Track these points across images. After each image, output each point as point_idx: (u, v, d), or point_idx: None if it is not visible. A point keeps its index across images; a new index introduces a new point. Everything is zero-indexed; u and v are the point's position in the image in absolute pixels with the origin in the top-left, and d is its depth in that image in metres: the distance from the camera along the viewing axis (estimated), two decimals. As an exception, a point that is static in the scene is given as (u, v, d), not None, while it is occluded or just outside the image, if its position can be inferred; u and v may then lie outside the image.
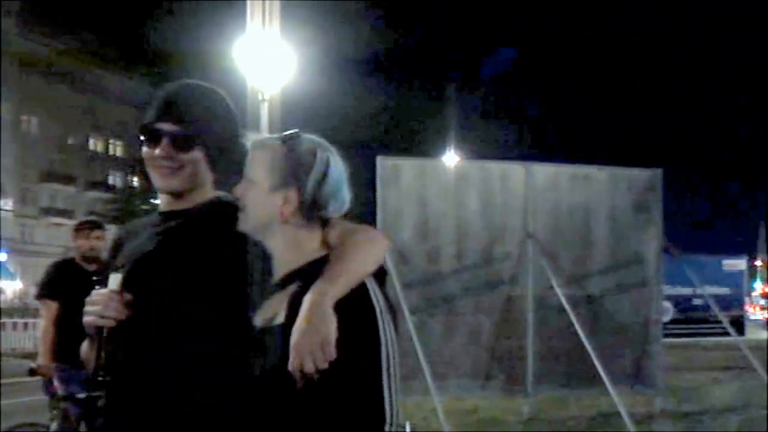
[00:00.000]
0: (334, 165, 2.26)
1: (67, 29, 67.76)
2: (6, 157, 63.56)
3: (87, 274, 6.82)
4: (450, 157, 27.49)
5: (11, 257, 56.47)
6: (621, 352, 11.78)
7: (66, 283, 6.85)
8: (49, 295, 7.01)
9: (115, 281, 2.37)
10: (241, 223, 2.27)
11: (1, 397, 11.30)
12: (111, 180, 76.38)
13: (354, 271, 2.16)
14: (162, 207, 2.59)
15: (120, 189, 65.77)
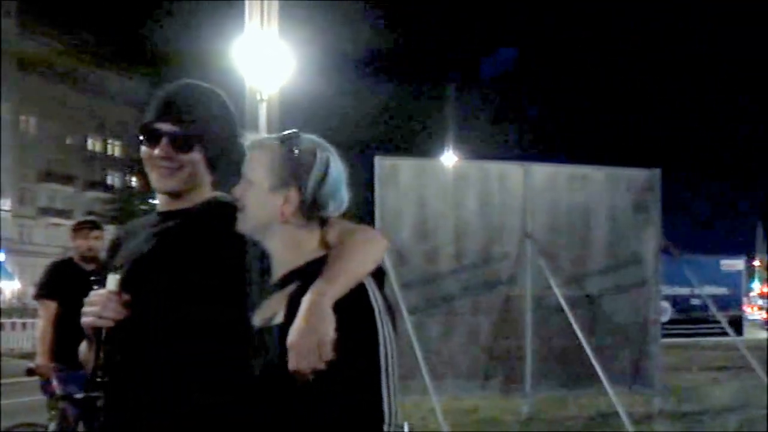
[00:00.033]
0: (333, 165, 2.27)
1: (66, 29, 67.83)
2: (5, 157, 63.56)
3: (85, 274, 6.81)
4: (448, 157, 27.50)
5: (10, 257, 56.43)
6: (619, 352, 11.78)
7: (64, 284, 6.84)
8: (48, 295, 7.00)
9: (113, 282, 2.36)
10: (241, 224, 2.27)
11: (1, 397, 11.28)
12: (110, 180, 76.42)
13: (353, 271, 2.16)
14: (160, 207, 2.59)
15: (118, 189, 65.86)
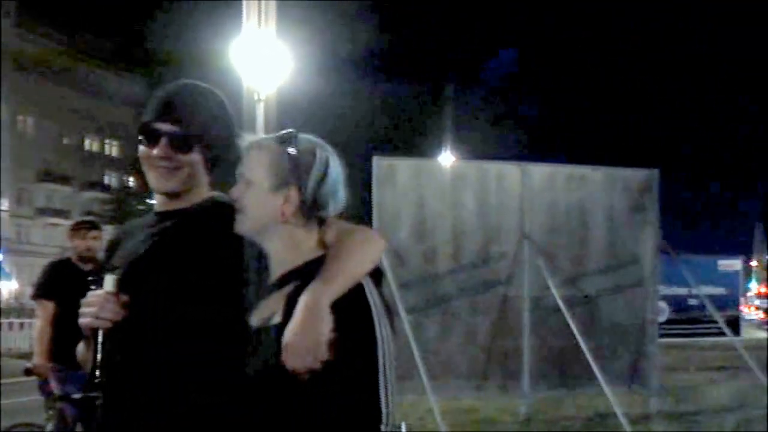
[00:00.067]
0: (333, 164, 2.27)
1: (64, 29, 67.73)
2: (2, 157, 63.45)
3: (83, 274, 6.81)
4: (446, 158, 27.51)
5: (7, 257, 56.35)
6: (617, 352, 11.78)
7: (62, 284, 6.84)
8: (45, 296, 7.00)
9: (111, 282, 2.36)
10: (240, 224, 2.27)
11: (1, 397, 11.27)
12: (107, 180, 76.30)
13: (350, 272, 2.16)
14: (158, 207, 2.59)
15: (116, 189, 65.73)
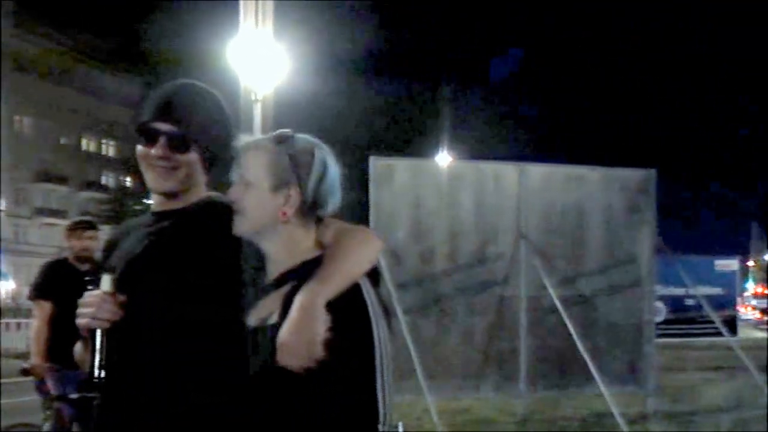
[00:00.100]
0: (330, 164, 2.28)
1: (61, 29, 67.65)
2: (0, 157, 63.36)
3: (80, 274, 6.80)
4: (443, 158, 27.50)
5: (4, 257, 56.29)
6: (614, 352, 11.78)
7: (59, 284, 6.83)
8: (42, 296, 6.99)
9: (108, 282, 2.36)
10: (239, 226, 2.26)
11: (1, 397, 11.26)
12: (104, 180, 76.23)
13: (347, 272, 2.16)
14: (155, 207, 2.59)
15: (113, 189, 65.69)
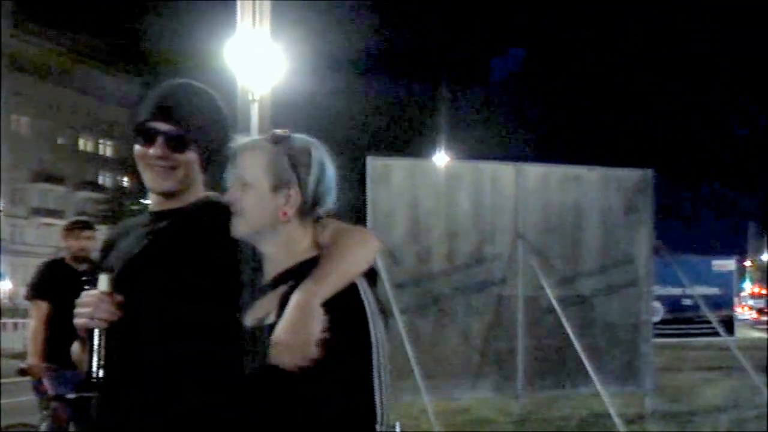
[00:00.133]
0: (327, 163, 2.28)
1: (58, 29, 67.63)
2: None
3: (77, 274, 6.80)
4: (440, 158, 27.49)
5: (1, 257, 56.24)
6: (611, 352, 11.80)
7: (56, 284, 6.82)
8: (39, 296, 6.98)
9: (105, 281, 2.35)
10: (239, 227, 2.25)
11: (1, 396, 11.25)
12: (101, 180, 76.21)
13: (344, 272, 2.16)
14: (153, 207, 2.59)
15: (110, 189, 65.68)
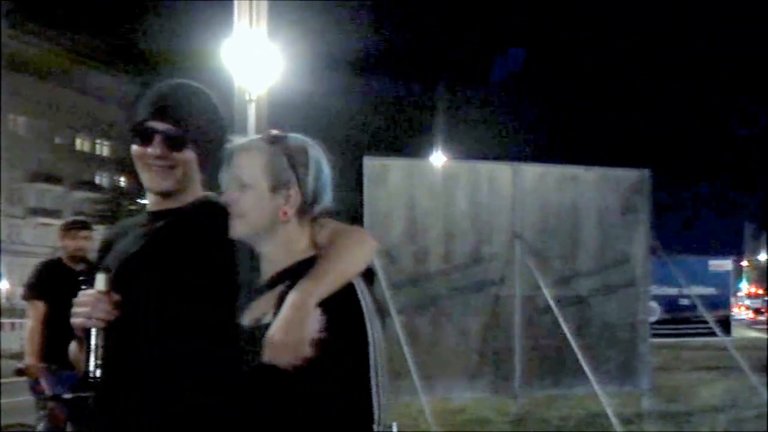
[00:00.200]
0: (323, 162, 2.28)
1: (55, 28, 67.53)
2: (-3, 157, 63.23)
3: (74, 274, 6.79)
4: (437, 158, 27.49)
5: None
6: (608, 352, 11.80)
7: (53, 284, 6.82)
8: (37, 296, 6.98)
9: (103, 281, 2.35)
10: (238, 229, 2.25)
11: (1, 396, 11.24)
12: (98, 180, 76.12)
13: (341, 271, 2.16)
14: (150, 207, 2.59)
15: (107, 189, 65.61)
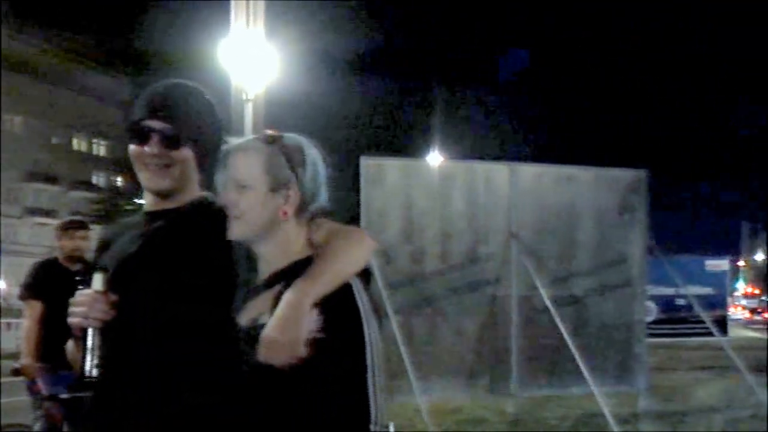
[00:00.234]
0: (319, 161, 2.28)
1: (52, 28, 67.47)
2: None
3: (71, 274, 6.78)
4: (434, 158, 27.48)
5: (-3, 257, 56.08)
6: (605, 352, 11.79)
7: (50, 284, 6.81)
8: (33, 296, 6.97)
9: (100, 281, 2.35)
10: (237, 230, 2.24)
11: (1, 396, 11.21)
12: (95, 180, 76.05)
13: (338, 271, 2.17)
14: (148, 207, 2.59)
15: (104, 189, 65.56)
